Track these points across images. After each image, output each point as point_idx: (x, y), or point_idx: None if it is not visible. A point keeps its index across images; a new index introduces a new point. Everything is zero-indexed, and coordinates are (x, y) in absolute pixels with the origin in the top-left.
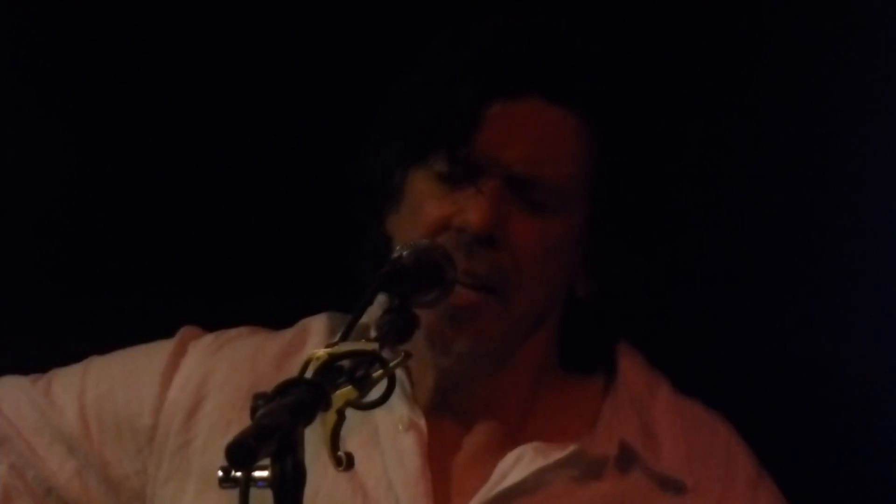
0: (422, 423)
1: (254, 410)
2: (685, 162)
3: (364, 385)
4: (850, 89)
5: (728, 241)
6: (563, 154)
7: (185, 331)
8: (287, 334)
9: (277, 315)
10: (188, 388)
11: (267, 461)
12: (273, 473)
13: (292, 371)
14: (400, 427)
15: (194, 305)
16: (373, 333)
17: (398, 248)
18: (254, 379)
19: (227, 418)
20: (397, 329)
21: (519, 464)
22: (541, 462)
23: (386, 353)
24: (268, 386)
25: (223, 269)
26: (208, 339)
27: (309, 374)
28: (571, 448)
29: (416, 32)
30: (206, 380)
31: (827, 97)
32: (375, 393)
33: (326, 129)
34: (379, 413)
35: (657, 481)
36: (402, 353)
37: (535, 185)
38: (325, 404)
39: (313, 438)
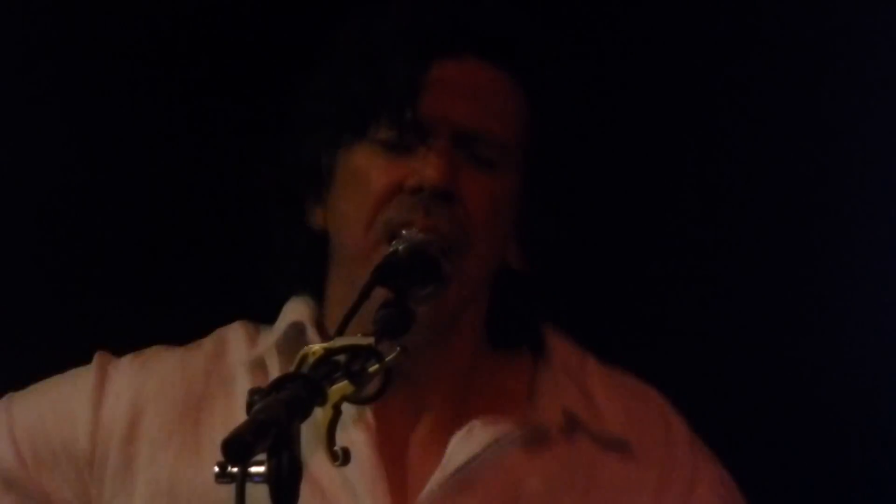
0: (368, 414)
1: (250, 405)
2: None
3: (360, 379)
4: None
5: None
6: (503, 111)
7: (99, 356)
8: (206, 345)
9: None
10: (121, 407)
11: (263, 456)
12: (269, 468)
13: (222, 379)
14: (348, 421)
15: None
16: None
17: (394, 242)
18: (186, 389)
19: (167, 430)
20: (393, 323)
21: (469, 440)
22: (491, 434)
23: (382, 348)
24: (201, 396)
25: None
26: (126, 360)
27: (305, 370)
28: (519, 418)
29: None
30: (139, 396)
31: (817, 86)
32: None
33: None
34: (320, 411)
35: (602, 444)
36: (398, 348)
37: (482, 139)
38: (321, 399)
39: None
